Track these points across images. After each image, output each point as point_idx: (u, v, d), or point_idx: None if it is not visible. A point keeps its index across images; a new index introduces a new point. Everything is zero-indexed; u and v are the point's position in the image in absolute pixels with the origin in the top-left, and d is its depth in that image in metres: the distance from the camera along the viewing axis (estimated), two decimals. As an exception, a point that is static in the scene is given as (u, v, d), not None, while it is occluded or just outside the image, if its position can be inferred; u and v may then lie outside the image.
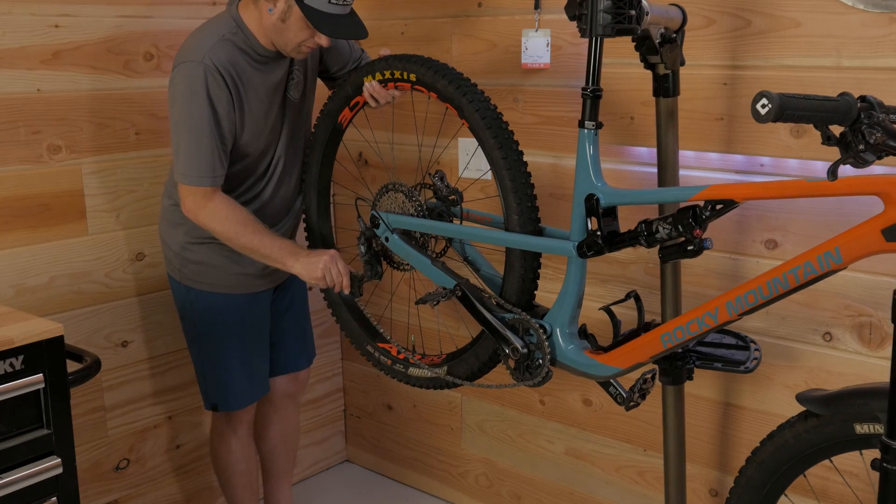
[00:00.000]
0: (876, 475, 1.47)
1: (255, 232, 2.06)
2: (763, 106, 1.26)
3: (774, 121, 1.25)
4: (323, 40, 1.99)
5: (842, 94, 1.32)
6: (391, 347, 2.11)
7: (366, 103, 2.10)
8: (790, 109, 1.26)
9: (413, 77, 1.92)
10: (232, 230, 2.04)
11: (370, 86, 2.03)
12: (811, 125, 1.89)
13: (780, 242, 2.01)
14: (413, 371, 2.04)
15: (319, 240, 2.22)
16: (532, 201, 1.79)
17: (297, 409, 2.54)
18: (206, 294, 2.21)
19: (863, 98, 1.32)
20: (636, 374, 1.77)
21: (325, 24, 1.93)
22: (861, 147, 1.31)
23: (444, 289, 1.88)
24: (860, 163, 1.33)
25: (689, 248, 1.55)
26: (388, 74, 1.98)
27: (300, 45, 2.01)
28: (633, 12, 1.59)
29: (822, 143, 1.34)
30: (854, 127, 1.31)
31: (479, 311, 1.84)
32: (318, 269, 2.04)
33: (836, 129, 1.36)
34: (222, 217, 2.04)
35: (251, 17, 2.01)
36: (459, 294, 1.85)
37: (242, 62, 2.02)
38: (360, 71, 2.04)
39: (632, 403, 1.76)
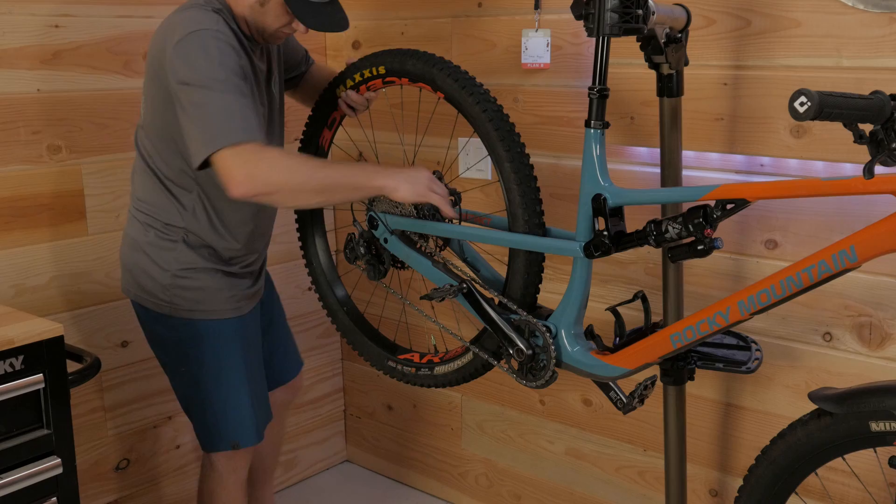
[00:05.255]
0: (890, 472, 1.47)
1: (325, 165, 1.82)
2: (802, 104, 1.25)
3: (813, 119, 1.24)
4: (301, 27, 1.88)
5: (874, 93, 1.31)
6: (413, 355, 2.08)
7: (343, 116, 2.09)
8: (828, 108, 1.25)
9: (382, 69, 1.92)
10: (304, 173, 1.75)
11: (346, 95, 2.01)
12: (810, 123, 1.91)
13: (781, 242, 2.01)
14: (440, 370, 2.00)
15: (321, 271, 2.22)
16: (538, 201, 1.78)
17: (290, 408, 2.47)
18: (206, 323, 1.99)
19: (894, 97, 1.32)
20: (635, 380, 1.77)
21: (306, 14, 1.83)
22: (895, 145, 1.30)
23: (451, 285, 1.87)
24: (894, 161, 1.33)
25: (700, 247, 1.54)
26: (357, 77, 1.97)
27: (278, 30, 1.89)
28: (640, 12, 1.59)
29: (854, 142, 1.33)
30: (887, 125, 1.31)
31: (484, 310, 1.82)
32: (422, 182, 1.80)
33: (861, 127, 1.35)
34: (284, 164, 1.72)
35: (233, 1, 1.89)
36: (465, 290, 1.84)
37: (237, 42, 1.86)
38: (331, 85, 2.04)
39: (630, 409, 1.76)
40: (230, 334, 2.02)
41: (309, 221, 2.22)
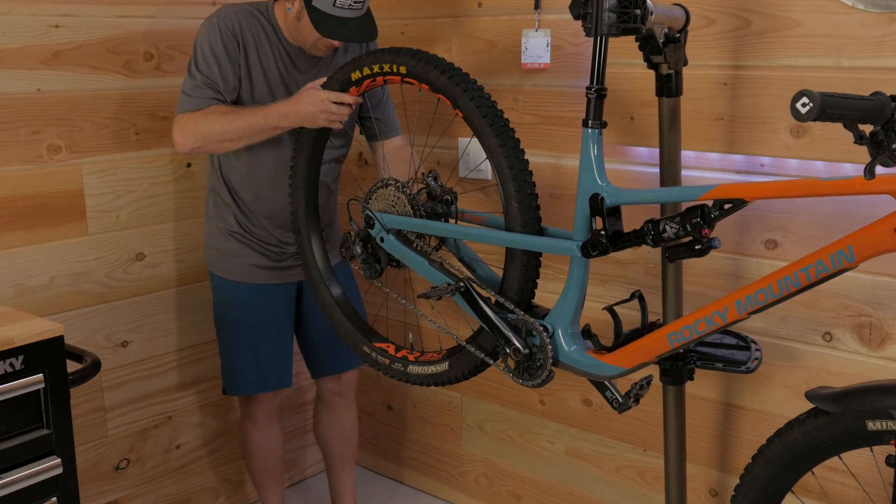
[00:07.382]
0: (886, 471, 1.46)
1: (241, 115, 2.08)
2: (804, 105, 1.25)
3: (814, 120, 1.24)
4: (334, 41, 2.10)
5: (875, 94, 1.32)
6: (388, 346, 2.09)
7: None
8: (830, 109, 1.25)
9: (403, 69, 1.91)
10: (220, 125, 2.07)
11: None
12: (810, 124, 1.91)
13: (781, 242, 2.01)
14: (413, 369, 2.02)
15: (308, 243, 2.21)
16: (534, 199, 1.78)
17: (351, 405, 2.59)
18: (223, 281, 2.33)
19: (894, 97, 1.33)
20: (632, 379, 1.77)
21: (325, 27, 2.03)
22: (895, 146, 1.31)
23: (448, 284, 1.87)
24: (894, 162, 1.33)
25: (697, 247, 1.54)
26: (376, 69, 1.95)
27: (315, 43, 2.14)
28: (638, 12, 1.59)
29: (855, 143, 1.34)
30: (887, 126, 1.31)
31: (481, 309, 1.82)
32: (316, 105, 2.00)
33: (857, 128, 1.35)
34: (205, 121, 2.08)
35: (280, 13, 2.18)
36: (462, 289, 1.84)
37: (261, 34, 2.17)
38: (347, 67, 2.02)
39: (625, 408, 1.76)
40: (239, 294, 2.33)
41: (301, 197, 2.21)
